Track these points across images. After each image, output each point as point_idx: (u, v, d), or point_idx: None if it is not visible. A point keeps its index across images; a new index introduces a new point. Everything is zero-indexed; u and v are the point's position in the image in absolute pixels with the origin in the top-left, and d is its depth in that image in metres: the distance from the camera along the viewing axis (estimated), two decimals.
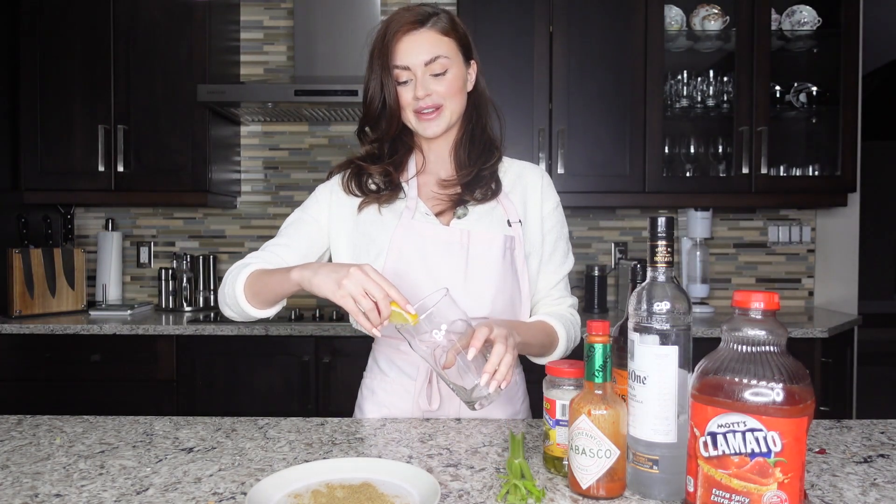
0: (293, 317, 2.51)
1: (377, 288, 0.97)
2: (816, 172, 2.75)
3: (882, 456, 1.01)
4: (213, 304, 2.86)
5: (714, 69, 2.77)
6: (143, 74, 2.65)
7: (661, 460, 0.82)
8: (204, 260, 2.85)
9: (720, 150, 2.72)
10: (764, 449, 0.69)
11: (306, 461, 0.98)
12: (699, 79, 2.76)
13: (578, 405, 0.84)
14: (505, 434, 1.12)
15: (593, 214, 2.99)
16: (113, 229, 2.93)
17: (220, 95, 2.53)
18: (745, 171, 2.61)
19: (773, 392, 0.69)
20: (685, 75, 2.76)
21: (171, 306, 2.83)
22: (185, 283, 2.83)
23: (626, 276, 2.82)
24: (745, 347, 0.72)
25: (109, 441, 1.08)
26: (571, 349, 1.27)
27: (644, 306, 0.83)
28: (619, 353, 0.93)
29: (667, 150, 2.72)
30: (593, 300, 2.80)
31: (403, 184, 1.27)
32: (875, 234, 7.80)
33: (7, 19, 2.64)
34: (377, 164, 1.27)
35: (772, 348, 0.71)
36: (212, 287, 2.87)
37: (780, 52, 2.78)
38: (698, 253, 2.74)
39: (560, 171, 2.61)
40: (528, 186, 1.30)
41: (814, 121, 2.82)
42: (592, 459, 0.82)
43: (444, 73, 1.19)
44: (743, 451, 0.70)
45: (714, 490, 0.72)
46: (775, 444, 0.69)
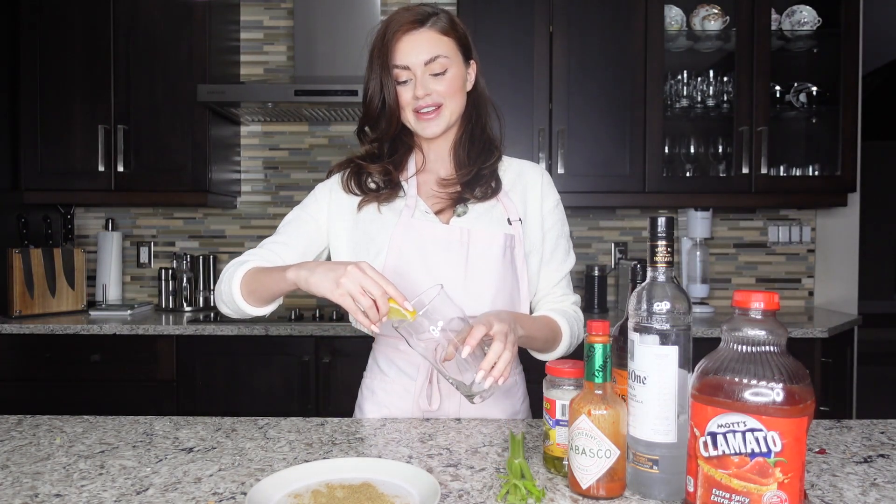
0: (293, 317, 2.51)
1: (374, 285, 0.97)
2: (816, 172, 2.75)
3: (882, 456, 1.01)
4: (213, 304, 2.86)
5: (714, 69, 2.77)
6: (143, 74, 2.65)
7: (661, 460, 0.82)
8: (204, 260, 2.85)
9: (720, 150, 2.72)
10: (764, 449, 0.69)
11: (306, 461, 0.98)
12: (699, 79, 2.76)
13: (578, 405, 0.84)
14: (505, 434, 1.12)
15: (593, 214, 2.99)
16: (113, 229, 2.93)
17: (220, 95, 2.53)
18: (745, 171, 2.61)
19: (773, 392, 0.69)
20: (685, 75, 2.76)
21: (171, 306, 2.83)
22: (185, 283, 2.83)
23: (626, 276, 2.82)
24: (745, 347, 0.72)
25: (109, 441, 1.08)
26: (575, 346, 1.27)
27: (644, 306, 0.83)
28: (619, 353, 0.93)
29: (667, 150, 2.72)
30: (593, 300, 2.80)
31: (403, 182, 1.27)
32: (875, 234, 7.80)
33: (7, 19, 2.64)
34: (377, 163, 1.27)
35: (772, 348, 0.71)
36: (212, 287, 2.87)
37: (780, 52, 2.78)
38: (698, 253, 2.74)
39: (560, 171, 2.61)
40: (528, 185, 1.30)
41: (814, 121, 2.82)
42: (592, 459, 0.82)
43: (444, 72, 1.19)
44: (743, 451, 0.70)
45: (714, 490, 0.72)
46: (775, 444, 0.69)
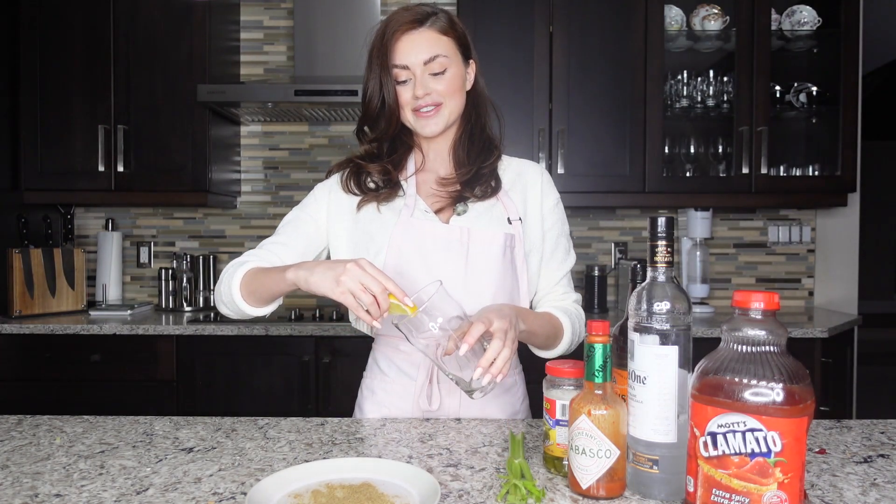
0: (293, 317, 2.51)
1: (374, 282, 0.97)
2: (816, 172, 2.75)
3: (882, 456, 1.01)
4: (213, 304, 2.86)
5: (714, 69, 2.76)
6: (143, 74, 2.65)
7: (661, 460, 0.82)
8: (204, 260, 2.85)
9: (720, 150, 2.72)
10: (764, 449, 0.69)
11: (306, 461, 0.98)
12: (699, 79, 2.76)
13: (578, 405, 0.84)
14: (505, 434, 1.12)
15: (593, 214, 2.99)
16: (113, 229, 2.93)
17: (220, 95, 2.53)
18: (745, 171, 2.61)
19: (773, 392, 0.69)
20: (685, 75, 2.76)
21: (171, 306, 2.83)
22: (185, 283, 2.83)
23: (626, 276, 2.82)
24: (745, 347, 0.72)
25: (109, 441, 1.08)
26: (577, 344, 1.26)
27: (644, 306, 0.83)
28: (619, 353, 0.93)
29: (667, 150, 2.72)
30: (593, 300, 2.80)
31: (402, 182, 1.27)
32: (875, 234, 7.80)
33: (7, 19, 2.64)
34: (376, 163, 1.27)
35: (772, 348, 0.71)
36: (212, 287, 2.87)
37: (780, 52, 2.77)
38: (698, 253, 2.74)
39: (560, 171, 2.61)
40: (528, 184, 1.30)
41: (814, 121, 2.82)
42: (592, 459, 0.82)
43: (443, 72, 1.19)
44: (743, 451, 0.70)
45: (714, 490, 0.72)
46: (775, 444, 0.69)
